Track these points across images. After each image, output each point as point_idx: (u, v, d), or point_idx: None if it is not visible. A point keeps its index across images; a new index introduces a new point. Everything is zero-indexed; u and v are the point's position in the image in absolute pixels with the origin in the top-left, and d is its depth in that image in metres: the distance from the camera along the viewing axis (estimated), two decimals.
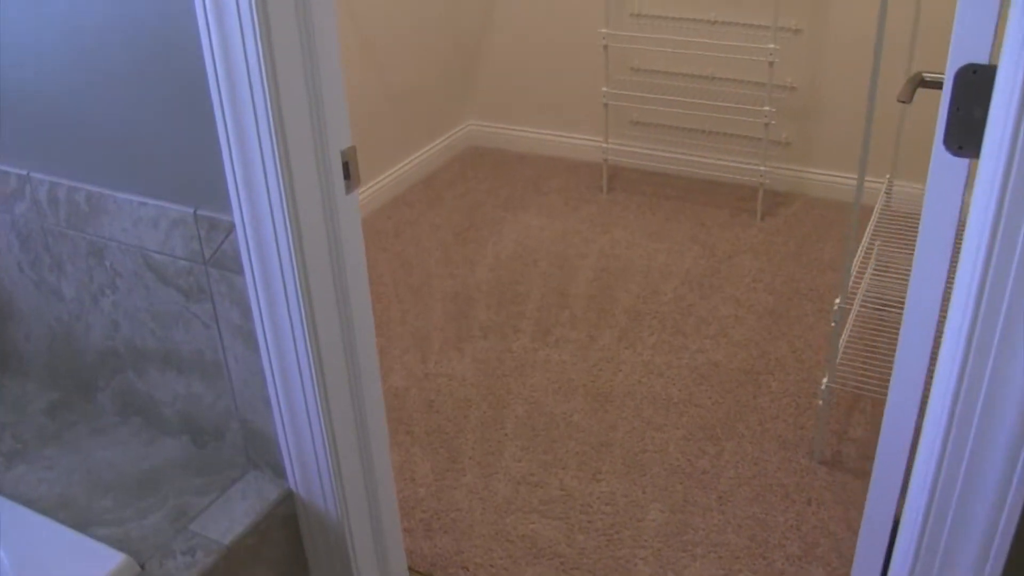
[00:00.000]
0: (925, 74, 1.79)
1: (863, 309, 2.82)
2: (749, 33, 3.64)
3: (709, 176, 3.89)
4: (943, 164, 1.20)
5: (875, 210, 3.02)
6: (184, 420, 1.86)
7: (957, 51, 1.14)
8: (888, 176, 3.13)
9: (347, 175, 1.56)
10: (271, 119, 1.38)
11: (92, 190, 1.68)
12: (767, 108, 3.50)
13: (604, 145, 3.85)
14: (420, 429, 2.66)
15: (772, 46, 3.42)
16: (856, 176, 3.71)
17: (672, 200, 3.85)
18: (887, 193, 3.39)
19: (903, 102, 1.76)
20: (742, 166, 3.76)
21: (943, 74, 1.77)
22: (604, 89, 3.75)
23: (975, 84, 1.13)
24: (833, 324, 2.35)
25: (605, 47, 3.70)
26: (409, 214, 3.83)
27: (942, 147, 1.19)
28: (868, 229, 2.87)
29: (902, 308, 1.29)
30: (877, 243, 3.09)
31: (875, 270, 3.00)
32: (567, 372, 2.86)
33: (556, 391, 2.79)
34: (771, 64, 3.44)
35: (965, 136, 1.17)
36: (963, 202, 1.23)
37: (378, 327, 3.09)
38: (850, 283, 2.32)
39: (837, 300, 2.35)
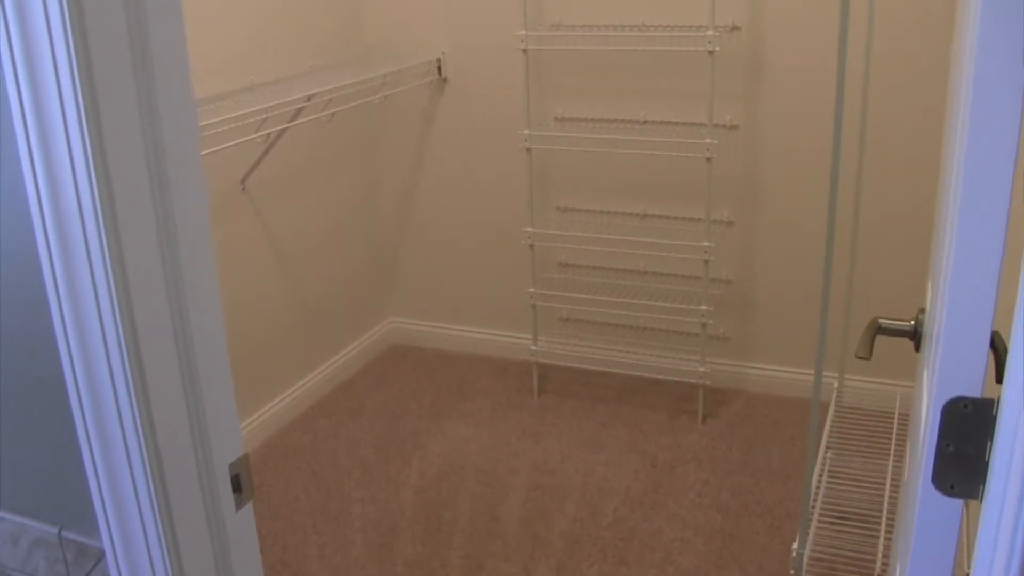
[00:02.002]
0: (882, 321, 1.62)
1: (820, 524, 2.61)
2: (682, 227, 3.53)
3: (646, 375, 3.71)
4: (934, 505, 1.01)
5: (829, 415, 2.86)
6: None
7: (944, 383, 0.96)
8: (839, 373, 2.98)
9: (237, 488, 1.33)
10: (140, 430, 1.16)
11: None
12: (703, 307, 3.36)
13: (533, 347, 3.66)
14: None
15: (706, 243, 3.30)
16: (799, 369, 3.57)
17: (608, 403, 3.66)
18: (838, 391, 3.25)
19: (862, 358, 1.59)
20: (680, 367, 3.59)
21: (903, 321, 1.61)
22: (531, 290, 3.59)
23: (967, 419, 0.95)
24: (792, 573, 2.13)
25: (531, 246, 3.55)
26: (327, 426, 3.58)
27: (931, 486, 1.00)
28: (824, 437, 2.70)
29: (861, 522, 1.09)
30: (830, 454, 2.92)
31: (830, 477, 2.82)
32: None
33: None
34: (706, 262, 3.32)
35: (957, 475, 0.98)
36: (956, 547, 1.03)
37: (295, 566, 2.80)
38: (808, 527, 2.12)
39: (794, 545, 2.14)
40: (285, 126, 3.06)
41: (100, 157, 1.07)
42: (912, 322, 1.58)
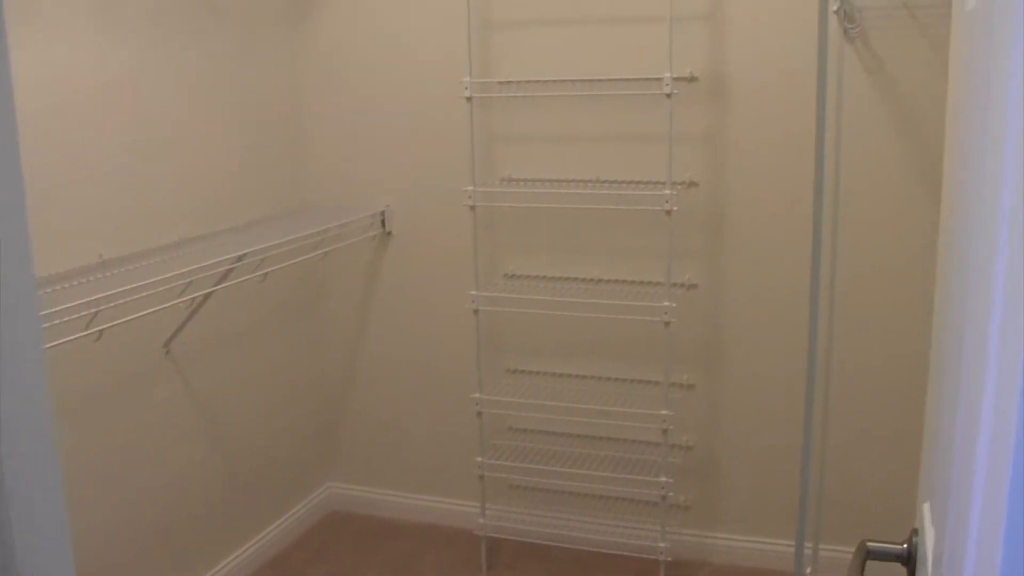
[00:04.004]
0: (870, 544, 1.41)
1: None
2: (640, 391, 3.34)
3: (603, 549, 3.45)
4: None
5: None
6: None
7: None
8: (813, 543, 2.76)
9: None
10: None
11: None
12: (663, 479, 3.13)
13: (482, 520, 3.40)
14: None
15: (665, 412, 3.10)
16: (767, 539, 3.34)
17: None
18: (813, 564, 3.03)
19: None
20: (639, 539, 3.34)
21: (895, 544, 1.41)
22: (479, 459, 3.35)
23: None
24: None
25: (479, 413, 3.32)
26: None
27: None
28: None
29: None
30: None
31: None
32: None
33: None
34: (665, 431, 3.11)
35: None
36: None
37: None
38: None
39: None
40: (212, 289, 2.85)
41: None
42: (904, 544, 1.38)
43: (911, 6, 2.87)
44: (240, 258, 2.82)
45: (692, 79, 3.10)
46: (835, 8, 2.87)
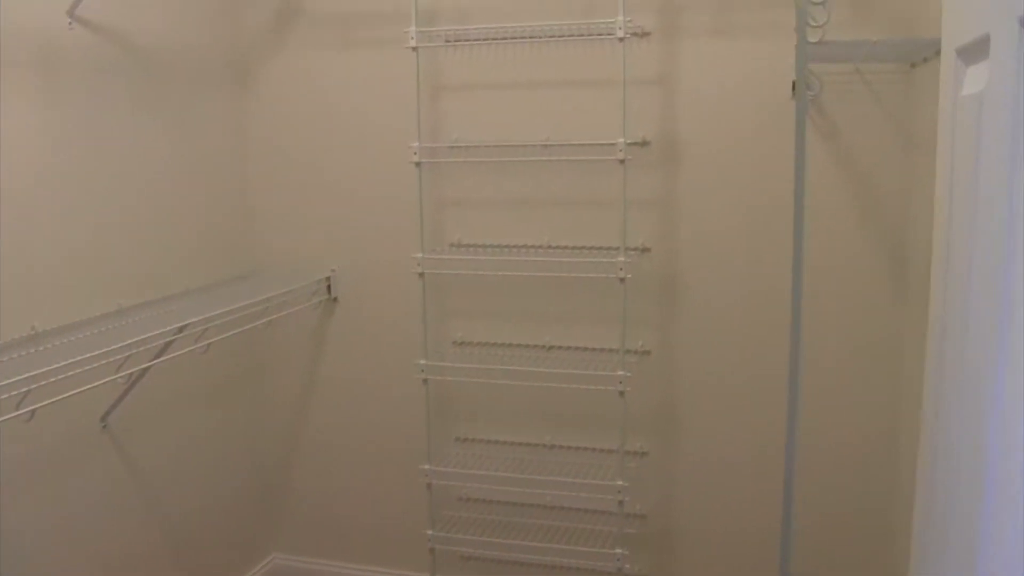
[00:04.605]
0: None
1: None
2: (593, 459, 3.28)
3: None
4: None
5: None
6: None
7: None
8: None
9: None
10: None
11: None
12: (618, 551, 3.06)
13: None
14: None
15: (620, 482, 3.04)
16: None
17: None
18: None
19: None
20: None
21: None
22: (429, 532, 3.25)
23: None
24: None
25: (428, 485, 3.23)
26: None
27: None
28: None
29: None
30: None
31: None
32: None
33: None
34: (620, 502, 3.04)
35: None
36: None
37: None
38: None
39: None
40: (152, 363, 2.74)
41: None
42: None
43: (863, 71, 2.87)
44: (181, 329, 2.72)
45: (644, 143, 3.08)
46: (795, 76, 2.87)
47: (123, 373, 2.55)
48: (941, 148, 1.17)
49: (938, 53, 2.34)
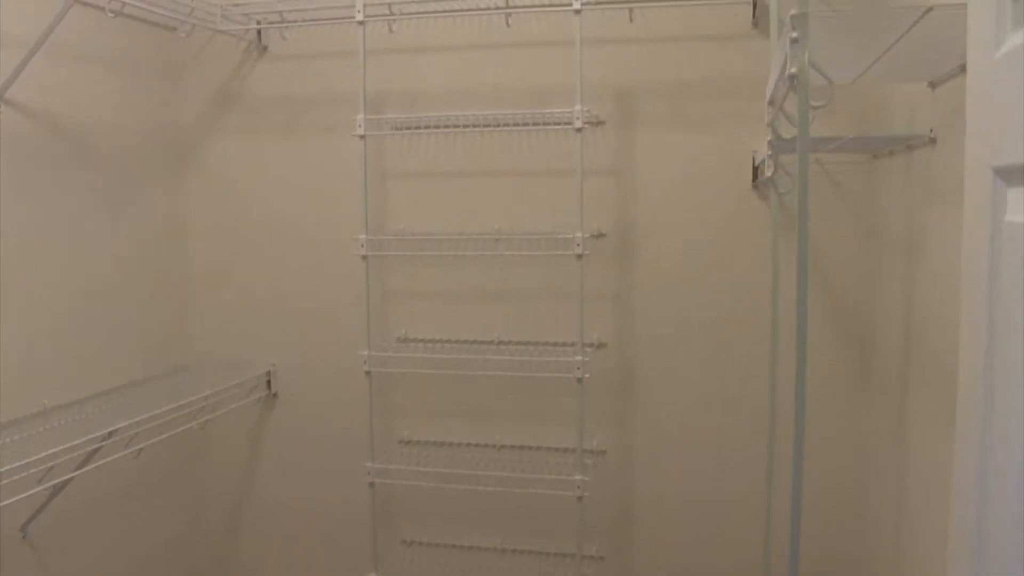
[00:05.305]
0: None
1: None
2: (546, 565, 3.13)
3: None
4: None
5: None
6: None
7: None
8: None
9: None
10: None
11: None
12: None
13: None
14: None
15: None
16: None
17: None
18: None
19: None
20: None
21: None
22: None
23: None
24: None
25: None
26: None
27: None
28: None
29: None
30: None
31: None
32: None
33: None
34: None
35: None
36: None
37: None
38: None
39: None
40: (76, 473, 2.54)
41: None
42: None
43: (823, 161, 2.82)
44: (110, 434, 2.53)
45: (599, 235, 2.99)
46: (757, 163, 2.81)
47: (46, 485, 2.35)
48: (973, 271, 1.09)
49: (908, 147, 2.29)
